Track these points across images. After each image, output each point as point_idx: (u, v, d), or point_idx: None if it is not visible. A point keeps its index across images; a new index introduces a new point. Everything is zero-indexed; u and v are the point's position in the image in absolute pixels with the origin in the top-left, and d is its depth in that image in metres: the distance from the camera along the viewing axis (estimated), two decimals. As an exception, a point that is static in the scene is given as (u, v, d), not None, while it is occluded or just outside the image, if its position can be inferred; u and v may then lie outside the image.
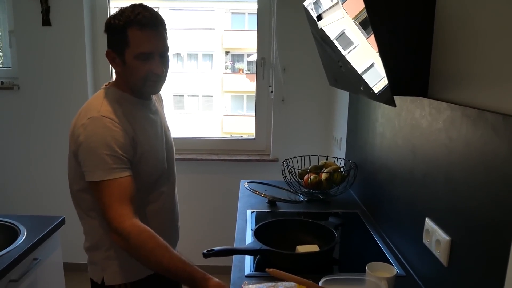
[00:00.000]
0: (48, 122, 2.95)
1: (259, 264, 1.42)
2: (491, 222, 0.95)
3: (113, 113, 1.26)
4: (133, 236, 1.18)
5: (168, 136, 1.50)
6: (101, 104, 1.27)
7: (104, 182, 1.20)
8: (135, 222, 1.20)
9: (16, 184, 3.05)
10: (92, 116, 1.24)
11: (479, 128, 1.00)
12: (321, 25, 1.57)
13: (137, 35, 1.22)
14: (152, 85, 1.32)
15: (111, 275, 1.38)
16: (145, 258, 1.20)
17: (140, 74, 1.27)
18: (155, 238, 1.20)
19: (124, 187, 1.22)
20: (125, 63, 1.26)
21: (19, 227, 1.75)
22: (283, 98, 2.93)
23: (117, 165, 1.21)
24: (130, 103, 1.33)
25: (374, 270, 1.21)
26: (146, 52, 1.24)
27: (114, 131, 1.23)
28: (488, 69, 0.99)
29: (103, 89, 1.35)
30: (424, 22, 1.24)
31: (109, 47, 1.28)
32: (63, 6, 2.78)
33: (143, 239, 1.19)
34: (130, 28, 1.22)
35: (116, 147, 1.22)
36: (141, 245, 1.18)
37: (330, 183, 2.07)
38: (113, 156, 1.21)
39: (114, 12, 1.26)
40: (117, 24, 1.23)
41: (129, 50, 1.24)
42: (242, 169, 3.01)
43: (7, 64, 3.00)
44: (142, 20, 1.22)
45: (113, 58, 1.29)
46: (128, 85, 1.33)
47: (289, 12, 2.79)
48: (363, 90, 1.35)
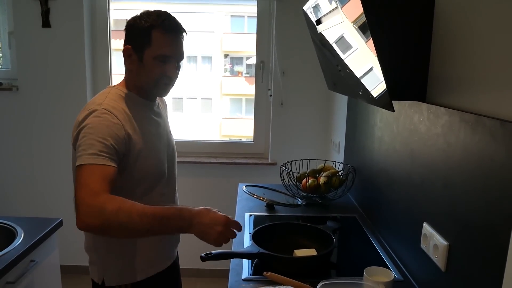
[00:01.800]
0: (46, 124, 2.95)
1: (256, 268, 1.42)
2: (489, 227, 0.95)
3: (114, 108, 1.28)
4: (108, 202, 1.08)
5: (170, 140, 1.51)
6: (105, 99, 1.31)
7: (87, 165, 1.15)
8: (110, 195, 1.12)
9: (14, 185, 3.05)
10: (93, 108, 1.26)
11: (477, 133, 1.00)
12: (320, 29, 1.57)
13: (161, 38, 1.29)
14: (162, 87, 1.37)
15: (112, 276, 1.38)
16: (127, 219, 1.08)
17: (155, 74, 1.32)
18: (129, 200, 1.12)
19: (105, 174, 1.15)
20: (142, 61, 1.31)
21: (16, 228, 1.74)
22: (282, 102, 2.93)
23: (104, 154, 1.18)
24: (133, 101, 1.36)
25: (372, 275, 1.21)
26: (166, 55, 1.30)
27: (111, 123, 1.24)
28: (486, 74, 1.00)
29: (109, 87, 1.39)
30: (422, 27, 1.25)
31: (127, 44, 1.33)
32: (63, 8, 2.79)
33: (120, 200, 1.10)
34: (155, 30, 1.28)
35: (109, 137, 1.21)
36: (119, 206, 1.08)
37: (328, 187, 2.07)
38: (104, 144, 1.19)
39: (139, 13, 1.33)
40: (143, 24, 1.29)
41: (150, 50, 1.29)
42: (240, 172, 3.01)
43: (7, 65, 2.99)
44: (167, 25, 1.30)
45: (130, 55, 1.33)
46: (137, 83, 1.36)
47: (288, 16, 2.80)
48: (361, 94, 1.36)
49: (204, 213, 1.15)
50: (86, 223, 1.08)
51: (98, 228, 1.09)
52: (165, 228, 1.16)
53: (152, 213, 1.11)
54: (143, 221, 1.10)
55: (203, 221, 1.14)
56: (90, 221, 1.08)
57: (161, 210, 1.14)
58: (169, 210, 1.15)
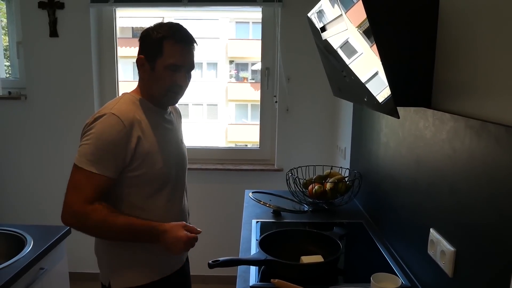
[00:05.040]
0: (55, 132, 2.98)
1: (264, 275, 1.42)
2: (496, 232, 0.95)
3: (124, 112, 1.33)
4: (94, 213, 1.26)
5: (180, 148, 1.56)
6: (116, 104, 1.36)
7: (84, 170, 1.27)
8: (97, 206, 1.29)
9: (23, 193, 3.08)
10: (103, 113, 1.32)
11: (482, 140, 1.00)
12: (325, 36, 1.58)
13: (172, 48, 1.34)
14: (172, 96, 1.42)
15: (117, 279, 1.41)
16: (105, 233, 1.32)
17: (166, 83, 1.37)
18: (113, 213, 1.30)
19: (99, 183, 1.28)
20: (154, 70, 1.37)
21: (25, 236, 1.76)
22: (288, 108, 2.94)
23: (103, 162, 1.28)
24: (145, 107, 1.41)
25: (379, 281, 1.21)
26: (177, 64, 1.36)
27: (115, 131, 1.29)
28: (491, 80, 1.00)
29: (123, 94, 1.45)
30: (427, 32, 1.25)
31: (141, 54, 1.39)
32: (70, 17, 2.83)
33: (104, 214, 1.28)
34: (167, 41, 1.34)
35: (112, 145, 1.28)
36: (103, 219, 1.27)
37: (334, 193, 2.07)
38: (105, 152, 1.28)
39: (153, 25, 1.40)
40: (155, 35, 1.35)
41: (161, 60, 1.35)
42: (246, 178, 3.01)
43: (15, 75, 3.04)
44: (178, 36, 1.35)
45: (143, 64, 1.39)
46: (149, 92, 1.41)
47: (293, 22, 2.81)
48: (367, 101, 1.36)
49: (169, 232, 1.33)
50: (68, 223, 1.29)
51: (78, 229, 1.30)
52: (136, 240, 1.36)
53: (128, 229, 1.30)
54: (118, 235, 1.32)
55: (167, 240, 1.32)
56: (71, 223, 1.29)
57: (136, 225, 1.31)
58: (143, 225, 1.33)
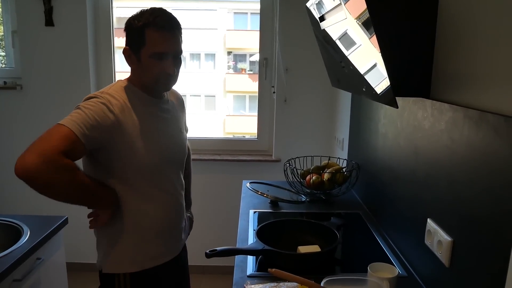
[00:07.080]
0: (50, 122, 2.92)
1: (261, 264, 1.43)
2: (493, 223, 0.95)
3: (114, 97, 1.33)
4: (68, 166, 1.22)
5: (178, 138, 1.53)
6: (108, 89, 1.37)
7: (67, 128, 1.24)
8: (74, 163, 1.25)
9: (19, 183, 3.05)
10: (94, 95, 1.34)
11: (481, 130, 1.00)
12: (324, 26, 1.57)
13: (154, 36, 1.31)
14: (163, 83, 1.39)
15: (109, 264, 1.42)
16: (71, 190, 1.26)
17: (153, 72, 1.34)
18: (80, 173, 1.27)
19: (77, 147, 1.24)
20: (140, 61, 1.34)
21: (22, 227, 1.76)
22: (286, 99, 2.93)
23: (86, 131, 1.24)
24: (137, 96, 1.39)
25: (376, 271, 1.21)
26: (161, 52, 1.32)
27: (103, 110, 1.28)
28: (490, 70, 0.99)
29: (117, 81, 1.45)
30: (426, 23, 1.24)
31: (127, 45, 1.37)
32: (66, 6, 2.79)
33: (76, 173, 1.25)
34: (148, 29, 1.30)
35: (94, 121, 1.26)
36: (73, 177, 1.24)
37: (332, 183, 2.07)
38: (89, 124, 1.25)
39: (135, 13, 1.35)
40: (136, 24, 1.32)
41: (145, 49, 1.31)
42: (244, 169, 3.01)
43: (10, 64, 3.01)
44: (159, 22, 1.30)
45: (129, 55, 1.37)
46: (140, 81, 1.40)
47: (291, 13, 2.79)
48: (365, 91, 1.36)
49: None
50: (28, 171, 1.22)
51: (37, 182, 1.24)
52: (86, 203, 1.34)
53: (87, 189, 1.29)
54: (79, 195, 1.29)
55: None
56: (34, 171, 1.22)
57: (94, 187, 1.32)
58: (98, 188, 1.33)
